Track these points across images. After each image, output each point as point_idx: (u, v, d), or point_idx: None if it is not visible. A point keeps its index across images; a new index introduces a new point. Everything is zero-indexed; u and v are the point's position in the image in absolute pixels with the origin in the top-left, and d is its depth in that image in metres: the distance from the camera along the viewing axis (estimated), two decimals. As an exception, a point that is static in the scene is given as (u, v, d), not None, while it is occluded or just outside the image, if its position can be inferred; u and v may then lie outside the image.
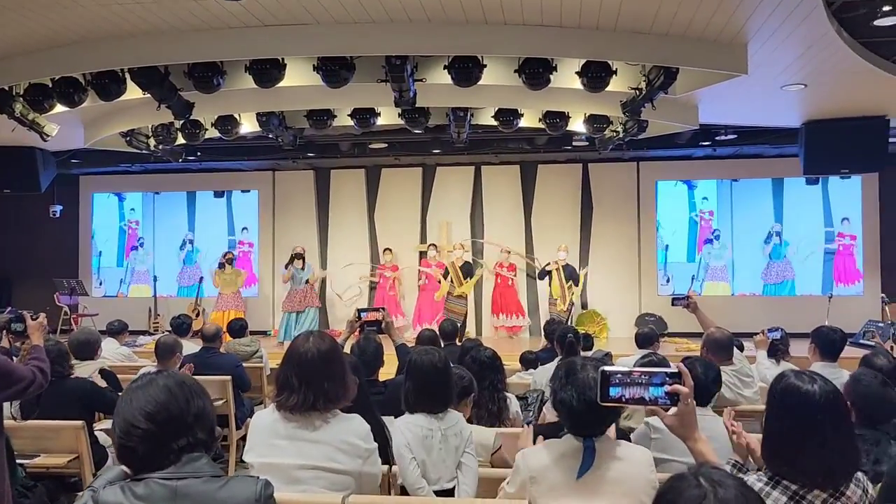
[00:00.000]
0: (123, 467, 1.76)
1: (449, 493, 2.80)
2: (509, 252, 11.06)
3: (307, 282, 10.62)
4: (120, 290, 12.69)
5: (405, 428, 2.88)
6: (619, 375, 1.83)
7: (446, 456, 2.82)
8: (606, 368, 1.85)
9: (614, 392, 1.82)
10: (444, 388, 2.95)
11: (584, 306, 11.19)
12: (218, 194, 12.55)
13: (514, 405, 4.03)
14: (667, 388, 1.85)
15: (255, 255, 12.41)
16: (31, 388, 2.97)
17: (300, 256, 10.69)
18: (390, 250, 11.39)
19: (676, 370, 1.87)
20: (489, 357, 3.89)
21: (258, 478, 1.81)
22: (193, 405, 1.75)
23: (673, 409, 1.89)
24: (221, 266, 10.98)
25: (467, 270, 10.63)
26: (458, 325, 10.26)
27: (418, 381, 2.95)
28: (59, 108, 6.39)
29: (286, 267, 10.63)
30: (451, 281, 10.50)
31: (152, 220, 12.74)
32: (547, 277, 10.41)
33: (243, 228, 12.52)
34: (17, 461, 3.44)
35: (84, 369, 4.53)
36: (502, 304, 10.99)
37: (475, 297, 11.47)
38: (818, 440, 1.84)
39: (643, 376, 1.85)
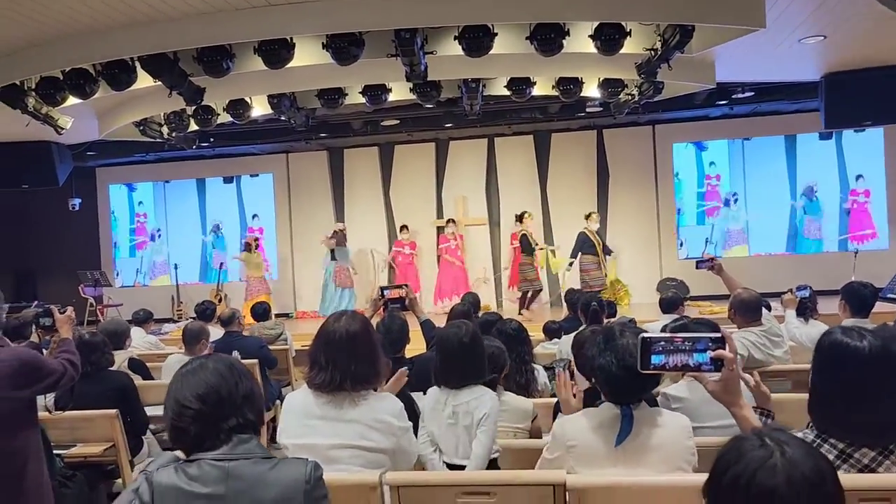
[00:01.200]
0: (176, 452, 1.80)
1: (459, 469, 2.78)
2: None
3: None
4: (136, 280, 12.80)
5: (427, 397, 2.95)
6: (661, 342, 1.78)
7: (459, 432, 2.79)
8: (647, 335, 1.80)
9: (657, 360, 1.78)
10: (471, 363, 2.91)
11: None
12: (227, 180, 12.57)
13: (541, 376, 4.02)
14: (710, 353, 1.80)
15: (272, 239, 12.40)
16: (62, 380, 3.01)
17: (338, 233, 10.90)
18: (407, 227, 11.33)
19: (720, 335, 1.82)
20: (515, 329, 3.88)
21: (307, 460, 1.82)
22: (242, 387, 1.80)
23: (716, 375, 1.84)
24: (248, 247, 10.99)
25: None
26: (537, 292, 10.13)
27: (443, 354, 2.93)
28: (72, 100, 6.40)
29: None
30: (532, 251, 10.16)
31: (164, 209, 12.80)
32: (583, 247, 9.91)
33: (254, 216, 12.53)
34: (55, 452, 3.49)
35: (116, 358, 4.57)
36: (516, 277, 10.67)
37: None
38: (867, 397, 1.79)
39: (686, 342, 1.80)
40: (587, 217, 10.05)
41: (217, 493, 1.70)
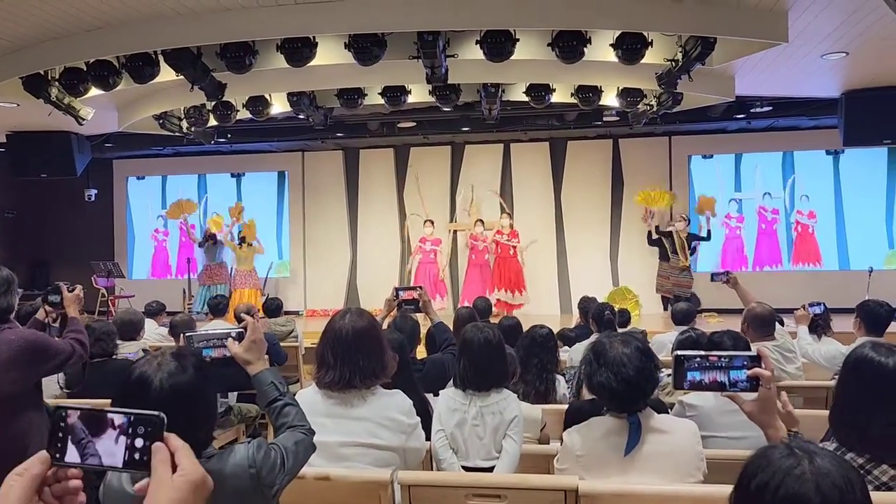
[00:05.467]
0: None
1: (483, 471, 2.75)
2: (510, 215, 10.79)
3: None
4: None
5: (440, 399, 2.91)
6: (696, 360, 1.77)
7: (483, 434, 2.77)
8: (681, 352, 1.79)
9: (692, 376, 1.77)
10: (497, 366, 2.90)
11: (615, 283, 11.11)
12: (234, 175, 12.66)
13: (562, 387, 3.98)
14: (746, 372, 1.78)
15: (271, 235, 12.33)
16: (70, 360, 3.00)
17: (213, 236, 11.14)
18: (432, 222, 10.84)
19: (756, 353, 1.80)
20: (543, 336, 3.80)
21: (249, 441, 1.82)
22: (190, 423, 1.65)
23: (752, 395, 1.82)
24: (240, 244, 11.04)
25: (691, 243, 10.17)
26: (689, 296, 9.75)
27: (470, 356, 2.88)
28: (94, 91, 6.45)
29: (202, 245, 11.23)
30: (677, 252, 10.06)
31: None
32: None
33: (214, 212, 12.53)
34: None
35: (128, 349, 4.60)
36: (502, 276, 10.32)
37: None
38: (887, 413, 1.79)
39: (722, 360, 1.78)
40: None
41: None
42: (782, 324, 4.64)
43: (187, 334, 2.12)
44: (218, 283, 10.94)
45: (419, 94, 7.49)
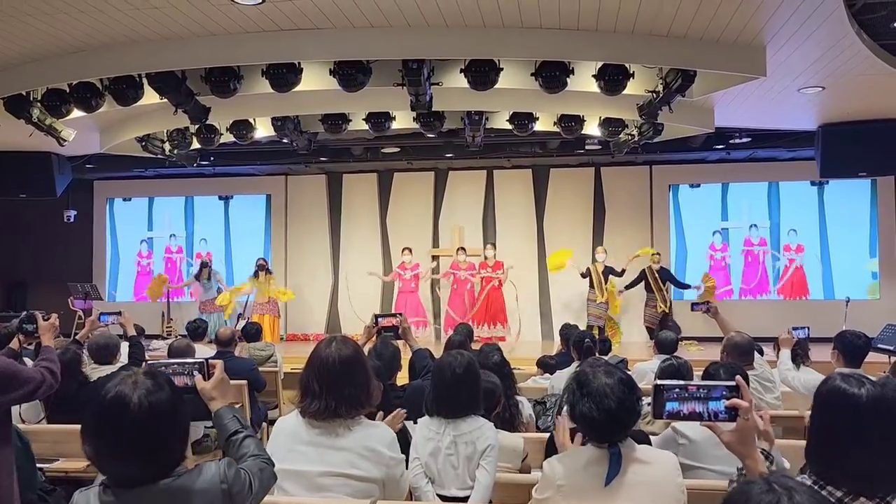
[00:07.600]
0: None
1: (459, 501, 2.73)
2: (493, 246, 10.91)
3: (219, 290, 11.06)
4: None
5: (417, 427, 2.89)
6: (675, 390, 1.77)
7: (457, 463, 2.75)
8: (661, 382, 1.79)
9: (671, 406, 1.77)
10: (465, 393, 2.86)
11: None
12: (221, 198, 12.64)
13: (525, 409, 3.96)
14: (725, 402, 1.78)
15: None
16: (40, 389, 2.93)
17: (207, 265, 11.18)
18: (409, 250, 10.76)
19: (735, 384, 1.81)
20: (496, 363, 3.79)
21: (219, 459, 1.81)
22: (162, 442, 1.69)
23: (731, 425, 1.82)
24: (256, 274, 10.96)
25: (608, 276, 10.29)
26: (600, 328, 10.06)
27: (437, 383, 2.89)
28: (77, 113, 6.42)
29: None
30: (592, 286, 10.24)
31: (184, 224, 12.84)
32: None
33: (202, 240, 12.56)
34: (37, 465, 3.44)
35: (103, 374, 4.52)
36: (487, 311, 10.41)
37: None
38: (862, 445, 1.78)
39: (701, 390, 1.79)
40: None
41: None
42: (761, 353, 4.66)
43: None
44: (212, 313, 10.83)
45: (403, 120, 7.54)
